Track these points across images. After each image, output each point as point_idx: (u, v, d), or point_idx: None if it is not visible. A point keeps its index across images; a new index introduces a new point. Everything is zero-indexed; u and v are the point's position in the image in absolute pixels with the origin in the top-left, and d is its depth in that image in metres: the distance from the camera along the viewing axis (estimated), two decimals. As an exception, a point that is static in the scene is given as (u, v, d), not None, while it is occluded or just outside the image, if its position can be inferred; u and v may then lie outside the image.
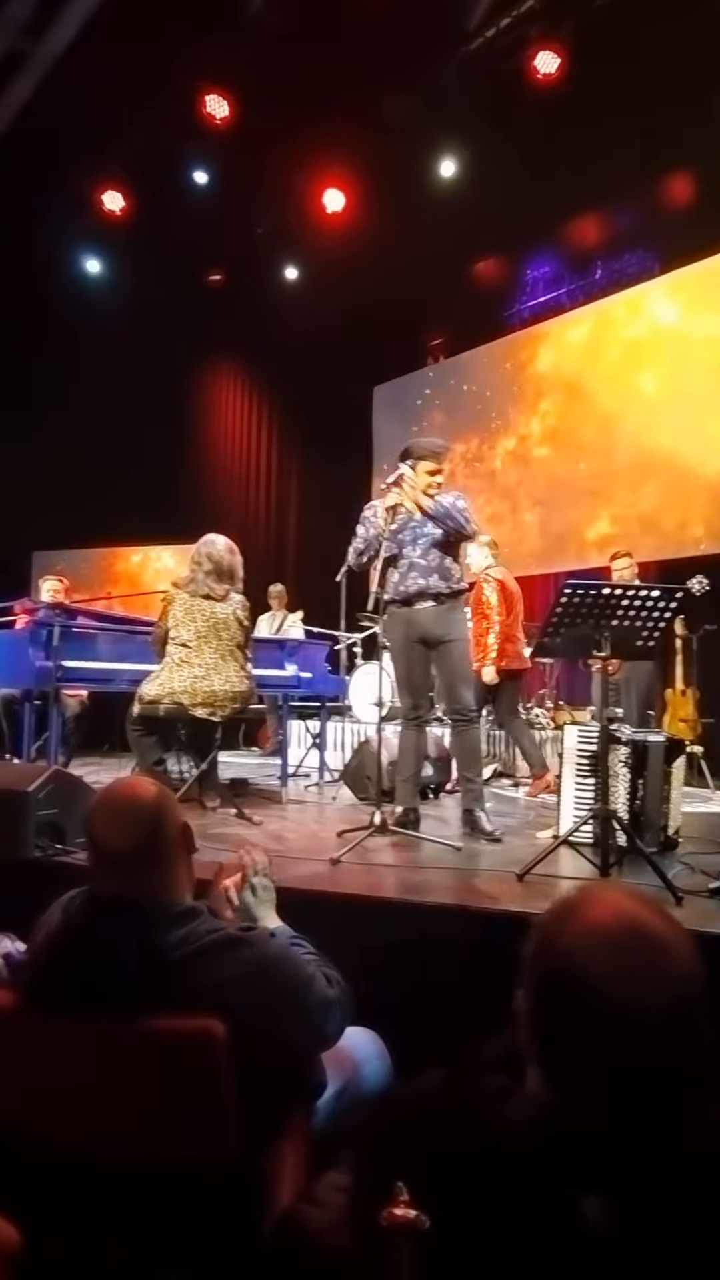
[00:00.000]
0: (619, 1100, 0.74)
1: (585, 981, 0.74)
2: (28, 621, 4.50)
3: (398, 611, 3.36)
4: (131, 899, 1.25)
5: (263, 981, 1.23)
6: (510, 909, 2.19)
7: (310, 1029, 1.30)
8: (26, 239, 7.26)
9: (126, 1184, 1.17)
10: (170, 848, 1.30)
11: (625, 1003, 0.72)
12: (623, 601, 2.49)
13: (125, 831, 1.27)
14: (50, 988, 1.22)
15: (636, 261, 7.22)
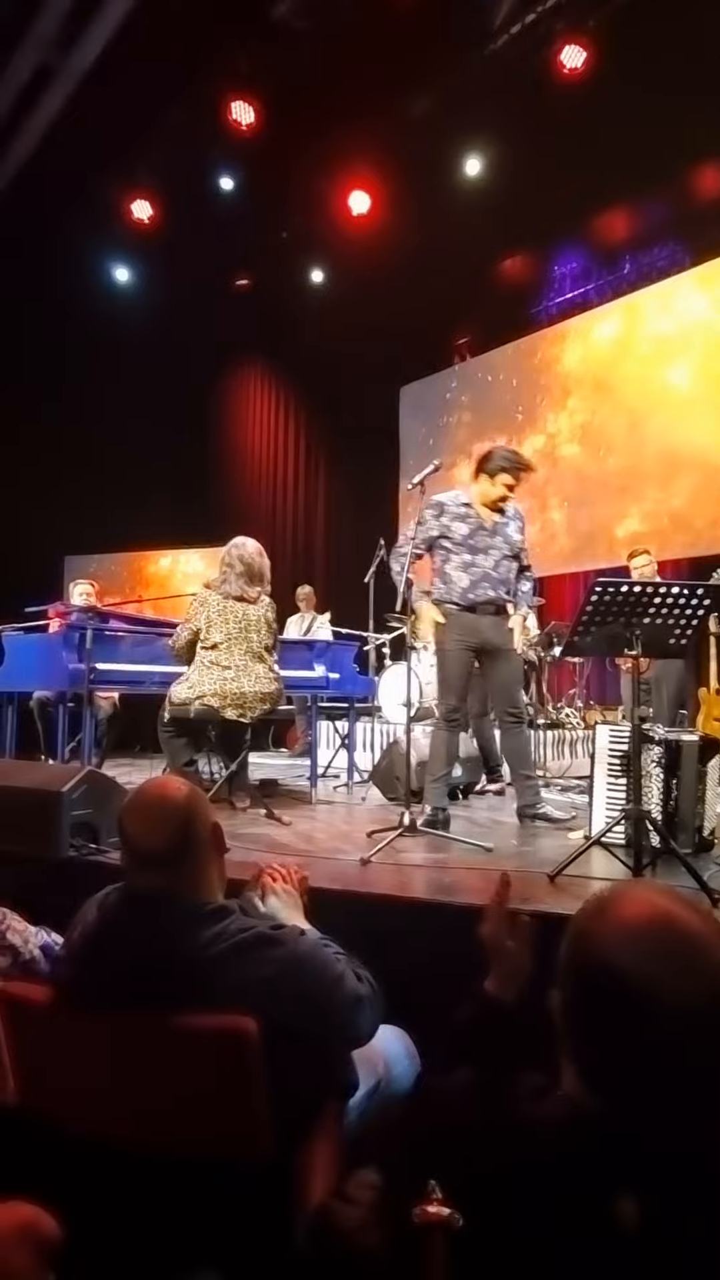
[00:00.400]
0: (655, 1099, 0.73)
1: (621, 979, 0.73)
2: (61, 625, 4.58)
3: (459, 615, 3.37)
4: (164, 896, 1.27)
5: (294, 979, 1.24)
6: (541, 910, 2.17)
7: (341, 1025, 1.30)
8: (57, 249, 7.40)
9: (159, 1178, 1.18)
10: (201, 847, 1.32)
11: (661, 1000, 0.72)
12: (654, 599, 2.46)
13: (157, 831, 1.29)
14: (86, 982, 1.24)
15: (666, 255, 7.12)
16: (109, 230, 7.41)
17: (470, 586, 3.35)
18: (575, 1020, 0.78)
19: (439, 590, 3.41)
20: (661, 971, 0.73)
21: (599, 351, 7.52)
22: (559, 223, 7.37)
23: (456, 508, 3.42)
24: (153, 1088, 1.22)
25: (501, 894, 1.35)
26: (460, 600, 3.36)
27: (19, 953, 1.50)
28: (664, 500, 6.93)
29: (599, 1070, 0.76)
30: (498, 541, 3.41)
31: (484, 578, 3.36)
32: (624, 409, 7.29)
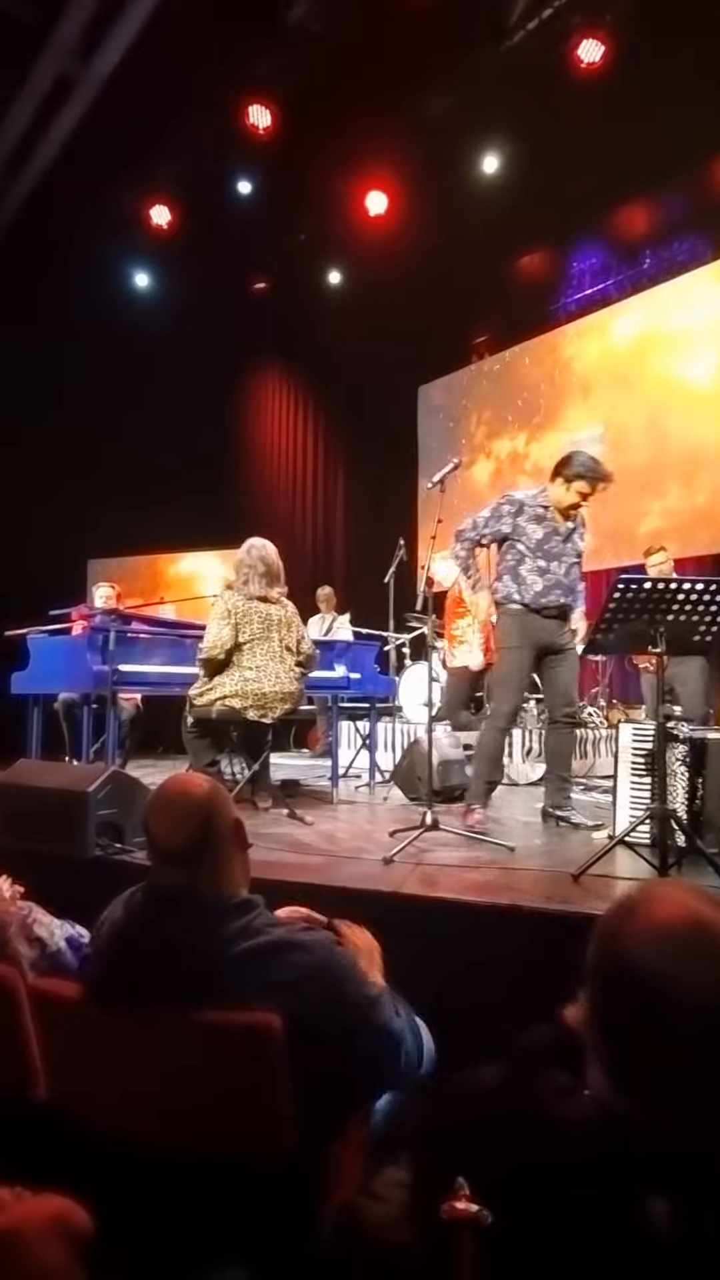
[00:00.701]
0: (684, 1099, 0.72)
1: (650, 978, 0.73)
2: (84, 627, 4.63)
3: (526, 617, 3.35)
4: (187, 893, 1.28)
5: (317, 988, 1.23)
6: (565, 909, 2.16)
7: (369, 1051, 1.28)
8: (77, 256, 7.48)
9: (186, 1174, 1.19)
10: (223, 843, 1.33)
11: (690, 999, 0.71)
12: (678, 596, 2.43)
13: (178, 827, 1.30)
14: (114, 980, 1.26)
15: (687, 248, 7.04)
16: (128, 236, 7.49)
17: (543, 591, 3.33)
18: (603, 1019, 0.77)
19: (506, 589, 3.38)
20: (690, 972, 0.72)
21: (619, 347, 7.46)
22: (577, 218, 7.32)
23: (535, 509, 3.39)
24: (179, 1084, 1.23)
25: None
26: (530, 603, 3.34)
27: (46, 944, 1.52)
28: (687, 497, 6.85)
29: (627, 1070, 0.75)
30: (568, 548, 3.40)
31: (556, 584, 3.34)
32: (645, 405, 7.22)
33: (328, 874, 2.63)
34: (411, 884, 2.46)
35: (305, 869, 2.69)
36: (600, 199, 7.00)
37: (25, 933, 1.51)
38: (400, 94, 6.02)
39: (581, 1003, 0.80)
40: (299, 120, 6.14)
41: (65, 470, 7.84)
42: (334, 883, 2.49)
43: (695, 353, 6.84)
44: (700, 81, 5.46)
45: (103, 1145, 1.22)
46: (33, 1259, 0.75)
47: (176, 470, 8.48)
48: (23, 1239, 0.76)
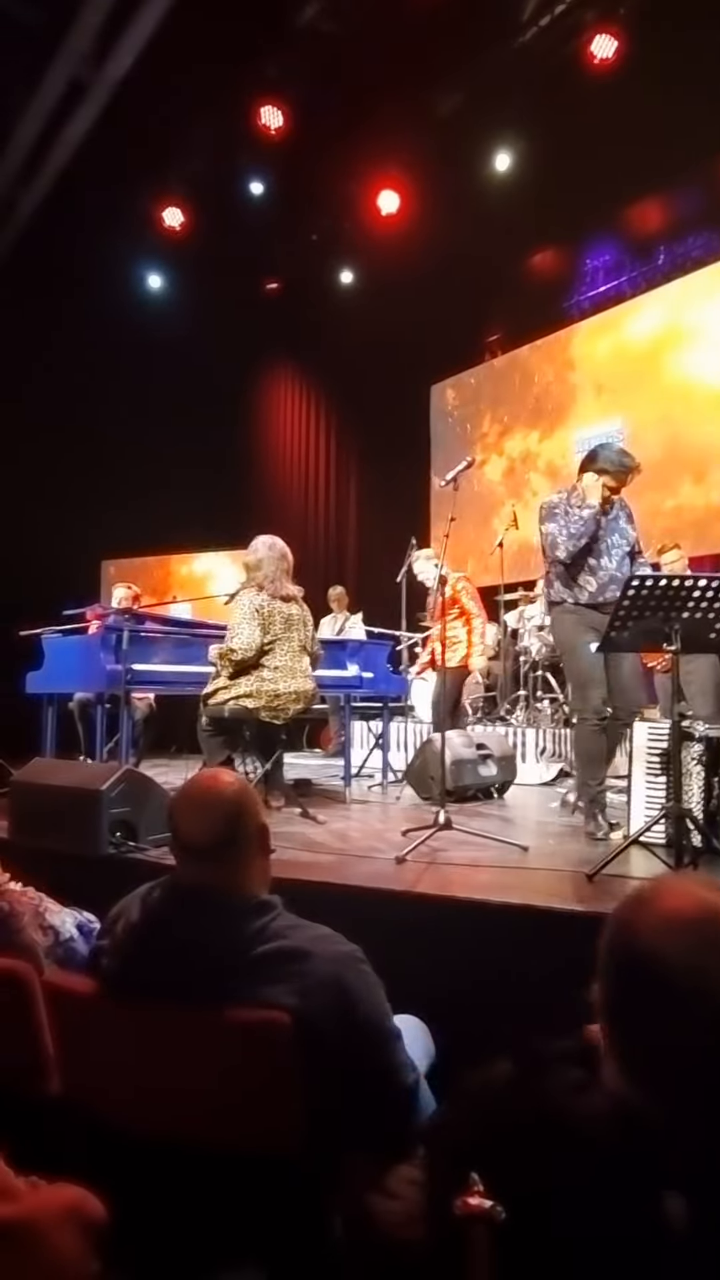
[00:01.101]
0: (698, 1090, 0.71)
1: (664, 970, 0.72)
2: (99, 627, 4.66)
3: (587, 613, 3.26)
4: (208, 890, 1.27)
5: (328, 998, 1.20)
6: (579, 909, 2.14)
7: (375, 1074, 1.26)
8: (91, 258, 7.54)
9: (199, 1170, 1.19)
10: (248, 843, 1.32)
11: (705, 991, 0.70)
12: (693, 592, 2.41)
13: (205, 824, 1.29)
14: (129, 976, 1.25)
15: (701, 244, 6.98)
16: (141, 238, 7.53)
17: (599, 589, 3.25)
18: (617, 1012, 0.77)
19: (559, 593, 3.31)
20: (704, 961, 0.71)
21: (632, 345, 7.41)
22: (590, 215, 7.28)
23: (570, 509, 3.31)
24: (191, 1081, 1.23)
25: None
26: (588, 600, 3.26)
27: (59, 932, 1.53)
28: (702, 494, 6.80)
29: (640, 1061, 0.75)
30: (615, 539, 3.32)
31: (610, 580, 3.25)
32: (658, 402, 7.17)
33: (340, 873, 2.63)
34: (424, 883, 2.46)
35: (318, 868, 2.69)
36: (613, 195, 6.96)
37: (39, 921, 1.52)
38: (412, 93, 6.01)
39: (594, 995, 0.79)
40: (310, 120, 6.15)
41: (79, 471, 7.90)
42: (347, 881, 2.49)
43: (709, 349, 6.78)
44: (714, 75, 5.41)
45: (115, 1139, 1.23)
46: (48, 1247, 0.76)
47: (189, 470, 8.52)
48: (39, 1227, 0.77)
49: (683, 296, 7.02)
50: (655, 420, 7.18)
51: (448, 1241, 0.71)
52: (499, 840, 3.00)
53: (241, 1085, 1.20)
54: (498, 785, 4.47)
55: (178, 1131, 1.22)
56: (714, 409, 6.71)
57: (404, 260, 7.42)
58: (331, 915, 1.34)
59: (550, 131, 6.27)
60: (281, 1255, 1.18)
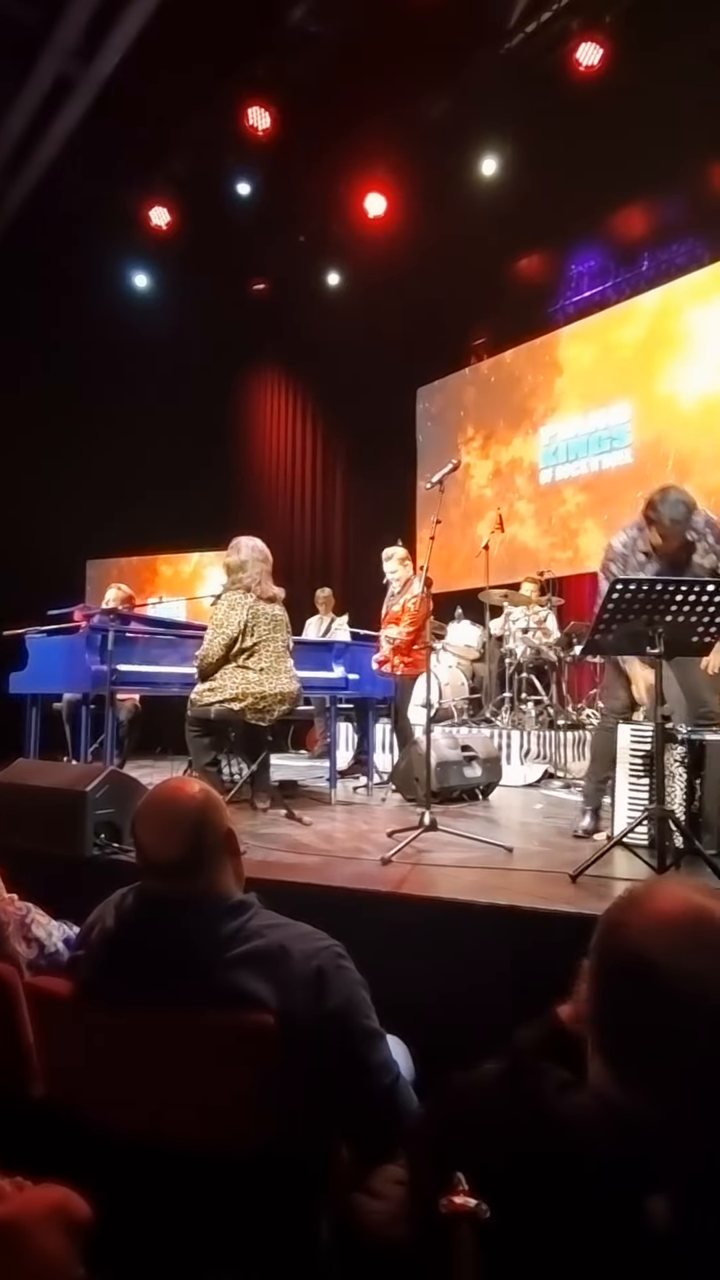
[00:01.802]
0: (685, 1091, 0.72)
1: (652, 969, 0.73)
2: (84, 627, 4.63)
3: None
4: (178, 898, 1.26)
5: (310, 996, 1.20)
6: (563, 910, 2.16)
7: (358, 1072, 1.24)
8: (77, 257, 7.49)
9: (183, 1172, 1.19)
10: (215, 855, 1.30)
11: (693, 990, 0.71)
12: (676, 596, 2.43)
13: (170, 841, 1.27)
14: (106, 983, 1.25)
15: (685, 251, 7.06)
16: (128, 237, 7.49)
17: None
18: (605, 1011, 0.78)
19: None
20: (693, 963, 0.72)
21: (617, 350, 7.47)
22: (576, 221, 7.34)
23: (636, 556, 3.08)
24: (176, 1082, 1.22)
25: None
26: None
27: (44, 945, 1.52)
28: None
29: (628, 1061, 0.75)
30: (690, 573, 3.00)
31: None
32: (644, 407, 7.24)
33: (326, 874, 2.63)
34: (410, 884, 2.46)
35: (303, 869, 2.69)
36: (598, 202, 7.02)
37: (23, 933, 1.51)
38: (399, 96, 6.03)
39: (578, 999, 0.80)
40: (298, 122, 6.15)
41: (64, 471, 7.85)
42: (332, 883, 2.50)
43: (693, 355, 6.86)
44: (698, 85, 5.48)
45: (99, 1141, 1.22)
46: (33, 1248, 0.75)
47: (175, 471, 8.49)
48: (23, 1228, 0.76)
49: (666, 304, 7.09)
50: (640, 425, 7.25)
51: (433, 1241, 0.72)
52: (484, 841, 3.01)
53: (224, 1086, 1.20)
54: (483, 787, 4.49)
55: (162, 1133, 1.21)
56: (697, 414, 6.79)
57: (391, 263, 7.45)
58: (316, 916, 1.34)
59: (536, 137, 6.31)
60: (267, 1256, 1.18)
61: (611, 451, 7.51)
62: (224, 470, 9.53)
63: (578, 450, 7.79)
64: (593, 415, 7.67)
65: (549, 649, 6.10)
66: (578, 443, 7.81)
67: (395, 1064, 1.30)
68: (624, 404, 7.39)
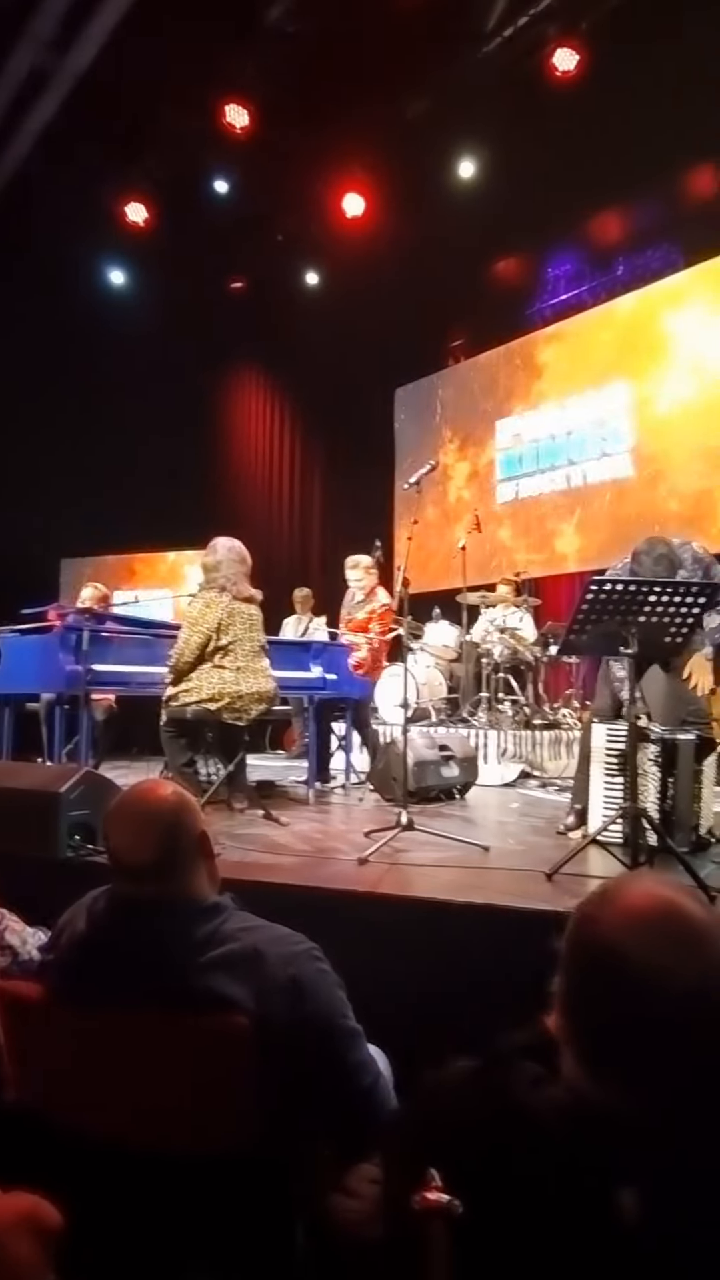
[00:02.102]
0: (656, 1087, 0.73)
1: (624, 963, 0.74)
2: (58, 626, 4.58)
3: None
4: (150, 901, 1.25)
5: (286, 1000, 1.19)
6: (539, 908, 2.18)
7: (336, 1072, 1.25)
8: (52, 252, 7.40)
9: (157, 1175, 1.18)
10: (188, 857, 1.28)
11: (664, 985, 0.72)
12: (649, 597, 2.47)
13: (142, 844, 1.25)
14: (79, 987, 1.23)
15: (660, 257, 7.16)
16: (104, 233, 7.43)
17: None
18: (577, 1005, 0.79)
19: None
20: (665, 957, 0.73)
21: (593, 353, 7.55)
22: (552, 225, 7.41)
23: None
24: (147, 1087, 1.21)
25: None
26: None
27: (18, 953, 1.50)
28: (662, 501, 6.96)
29: (600, 1056, 0.76)
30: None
31: None
32: (620, 410, 7.32)
33: (303, 875, 2.63)
34: (386, 884, 2.47)
35: (280, 870, 2.68)
36: (574, 206, 7.09)
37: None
38: (377, 97, 6.05)
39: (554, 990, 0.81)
40: (276, 121, 6.14)
41: (38, 468, 7.75)
42: (309, 883, 2.49)
43: (668, 361, 6.95)
44: (672, 93, 5.56)
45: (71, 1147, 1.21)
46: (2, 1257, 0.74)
47: (151, 469, 8.43)
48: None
49: (641, 308, 7.17)
50: (616, 428, 7.33)
51: (406, 1238, 0.72)
52: (460, 841, 3.02)
53: (198, 1090, 1.19)
54: (460, 786, 4.51)
55: (135, 1137, 1.20)
56: (672, 418, 6.88)
57: (369, 263, 7.46)
58: (293, 917, 1.33)
59: (513, 140, 6.36)
60: (243, 1258, 1.17)
61: (586, 453, 7.58)
62: (201, 469, 9.47)
63: (554, 452, 7.86)
64: (569, 417, 7.74)
65: (526, 649, 6.14)
66: (554, 445, 7.87)
67: (374, 1062, 1.30)
68: (600, 407, 7.47)
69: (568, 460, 7.74)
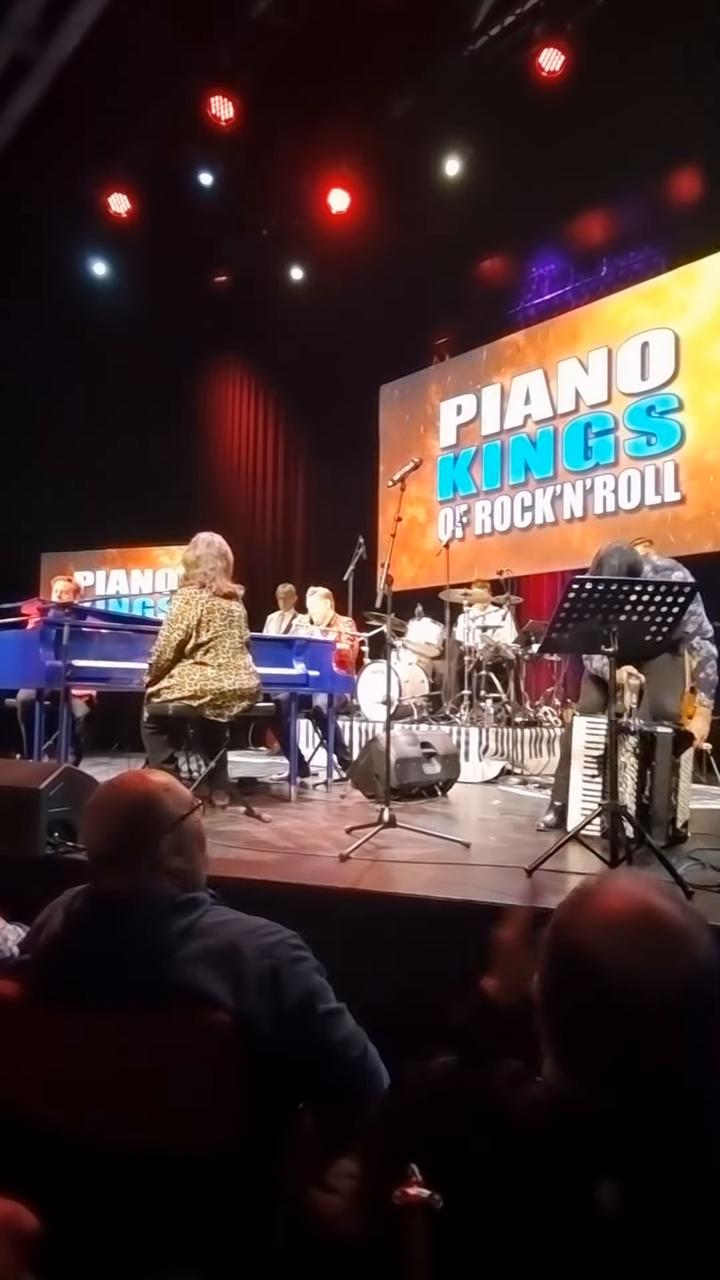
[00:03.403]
0: (634, 1085, 0.74)
1: (602, 965, 0.75)
2: (38, 621, 4.53)
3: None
4: (124, 896, 1.24)
5: (267, 994, 1.19)
6: (519, 904, 2.19)
7: (325, 1055, 1.25)
8: (34, 242, 7.31)
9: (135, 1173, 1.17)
10: (155, 845, 1.27)
11: (640, 987, 0.73)
12: (630, 596, 2.49)
13: (103, 830, 1.25)
14: (56, 985, 1.22)
15: (643, 258, 7.21)
16: (86, 223, 7.35)
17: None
18: (556, 1007, 0.79)
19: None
20: (641, 958, 0.74)
21: (578, 354, 7.58)
22: (537, 224, 7.44)
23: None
24: (127, 1084, 1.20)
25: (531, 911, 1.31)
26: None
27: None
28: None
29: (578, 1056, 0.77)
30: None
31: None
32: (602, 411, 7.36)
33: (284, 871, 2.62)
34: (368, 880, 2.47)
35: (262, 866, 2.68)
36: (559, 206, 7.13)
37: (-26, 939, 1.48)
38: (364, 93, 6.04)
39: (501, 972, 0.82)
40: (262, 114, 6.11)
41: (16, 461, 7.66)
42: (291, 880, 2.49)
43: (650, 363, 7.00)
44: (657, 95, 5.60)
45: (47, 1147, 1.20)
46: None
47: (133, 463, 8.36)
48: (-32, 1241, 0.75)
49: (625, 309, 7.22)
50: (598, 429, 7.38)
51: (386, 1233, 0.72)
52: (442, 837, 3.04)
53: (180, 1087, 1.19)
54: (442, 783, 4.52)
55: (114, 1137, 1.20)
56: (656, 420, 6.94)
57: (354, 260, 7.45)
58: (275, 913, 1.33)
59: (499, 140, 6.38)
60: (221, 1255, 1.17)
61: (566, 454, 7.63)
62: (183, 463, 9.42)
63: (538, 450, 7.89)
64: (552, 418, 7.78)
65: (507, 647, 6.18)
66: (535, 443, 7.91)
67: (360, 1034, 1.29)
68: (582, 408, 7.51)
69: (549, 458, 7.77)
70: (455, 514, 8.39)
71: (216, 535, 3.85)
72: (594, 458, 7.33)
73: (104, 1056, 1.21)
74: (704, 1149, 0.75)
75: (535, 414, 7.87)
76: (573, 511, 7.48)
